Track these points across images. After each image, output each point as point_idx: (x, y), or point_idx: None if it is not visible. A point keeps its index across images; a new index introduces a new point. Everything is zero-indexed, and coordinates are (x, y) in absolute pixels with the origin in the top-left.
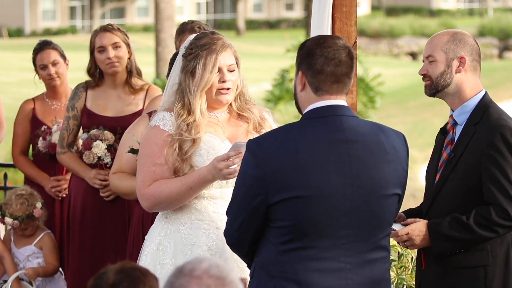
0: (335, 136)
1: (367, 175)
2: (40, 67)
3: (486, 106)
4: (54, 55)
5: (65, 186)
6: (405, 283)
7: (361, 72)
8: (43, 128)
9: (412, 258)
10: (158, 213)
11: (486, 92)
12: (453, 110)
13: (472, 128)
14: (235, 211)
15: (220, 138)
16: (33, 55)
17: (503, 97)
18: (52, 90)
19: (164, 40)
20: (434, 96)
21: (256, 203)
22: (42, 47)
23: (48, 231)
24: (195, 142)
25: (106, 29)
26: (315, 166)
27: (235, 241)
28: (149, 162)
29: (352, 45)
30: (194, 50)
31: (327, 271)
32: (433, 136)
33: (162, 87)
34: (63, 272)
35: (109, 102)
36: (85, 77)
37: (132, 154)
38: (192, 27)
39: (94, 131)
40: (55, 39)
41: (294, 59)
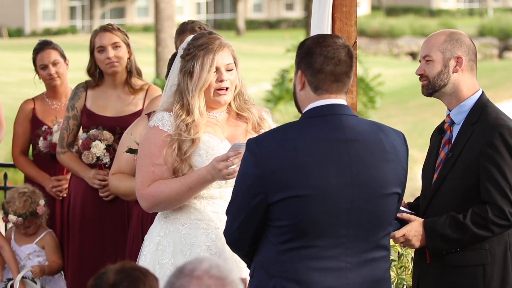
0: (334, 135)
1: (367, 174)
2: (40, 67)
3: (484, 105)
4: (54, 55)
5: (65, 186)
6: (405, 283)
7: (361, 72)
8: (43, 128)
9: (412, 258)
10: (157, 213)
11: (483, 91)
12: (450, 110)
13: (470, 128)
14: (234, 211)
15: (219, 138)
16: (33, 55)
17: (503, 97)
18: (52, 90)
19: (164, 40)
20: (431, 96)
21: (255, 203)
22: (43, 47)
23: (50, 230)
24: (194, 142)
25: (106, 29)
26: (314, 165)
27: (235, 241)
28: (148, 163)
29: (352, 45)
30: (192, 50)
31: (327, 271)
32: None
33: (162, 87)
34: (63, 272)
35: (109, 102)
36: (85, 77)
37: (131, 155)
38: (193, 27)
39: (93, 131)
40: (55, 39)
41: (294, 59)
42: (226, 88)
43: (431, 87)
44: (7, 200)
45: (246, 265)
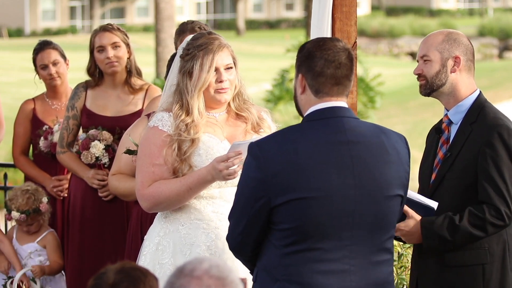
0: (336, 138)
1: (369, 176)
2: (40, 67)
3: (482, 105)
4: (54, 55)
5: (66, 186)
6: (405, 283)
7: (361, 72)
8: (44, 128)
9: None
10: (156, 213)
11: (481, 91)
12: (447, 110)
13: (468, 127)
14: (237, 215)
15: (219, 138)
16: (33, 55)
17: (503, 97)
18: (52, 90)
19: (164, 40)
20: (429, 96)
21: (258, 206)
22: (43, 47)
23: (51, 230)
24: (194, 142)
25: (105, 28)
26: (316, 168)
27: (238, 245)
28: (148, 163)
29: (352, 45)
30: (191, 50)
31: (331, 273)
32: None
33: (162, 87)
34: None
35: (108, 102)
36: (85, 77)
37: (130, 156)
38: (193, 27)
39: (92, 131)
40: (55, 39)
41: (294, 59)
42: (225, 88)
43: (429, 87)
44: (10, 198)
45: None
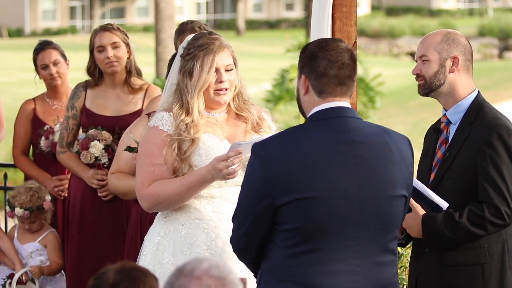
0: (340, 138)
1: (373, 176)
2: (41, 67)
3: (480, 105)
4: (55, 55)
5: (67, 186)
6: (405, 283)
7: (361, 72)
8: (45, 128)
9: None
10: (156, 213)
11: (479, 91)
12: (446, 110)
13: (467, 127)
14: (241, 216)
15: (219, 138)
16: (33, 55)
17: (503, 97)
18: (53, 90)
19: (164, 40)
20: (427, 96)
21: (263, 206)
22: (43, 47)
23: (53, 229)
24: (194, 141)
25: (105, 28)
26: (320, 167)
27: (242, 246)
28: (148, 163)
29: (352, 45)
30: (192, 50)
31: (335, 274)
32: None
33: (162, 87)
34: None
35: (108, 101)
36: (84, 77)
37: (130, 155)
38: (192, 27)
39: (92, 131)
40: (55, 39)
41: (294, 59)
42: (225, 88)
43: (428, 87)
44: (13, 195)
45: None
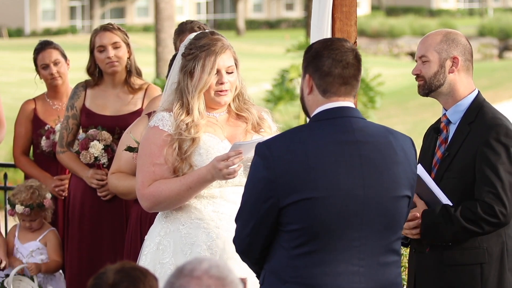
0: (344, 137)
1: (377, 176)
2: (41, 67)
3: (480, 105)
4: (55, 55)
5: (68, 186)
6: (405, 283)
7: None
8: (46, 127)
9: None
10: (156, 213)
11: (479, 91)
12: (446, 109)
13: (467, 127)
14: (245, 217)
15: (219, 137)
16: (34, 55)
17: (503, 97)
18: (53, 90)
19: (164, 40)
20: (427, 96)
21: (267, 207)
22: (44, 46)
23: (53, 228)
24: (194, 141)
25: (106, 28)
26: (325, 167)
27: (246, 247)
28: (148, 162)
29: None
30: (193, 51)
31: (340, 274)
32: None
33: (162, 87)
34: (63, 271)
35: (108, 101)
36: (84, 77)
37: (130, 154)
38: (192, 27)
39: (92, 131)
40: (55, 39)
41: (294, 59)
42: (225, 90)
43: (427, 87)
44: (14, 193)
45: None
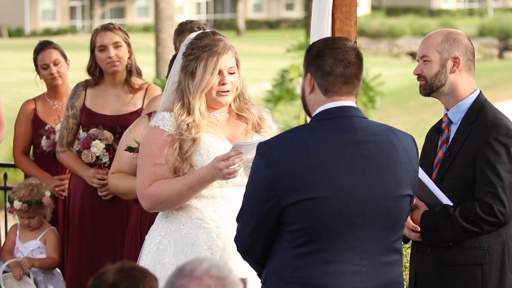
0: (346, 137)
1: (379, 176)
2: (41, 67)
3: (481, 105)
4: (55, 55)
5: (68, 185)
6: (405, 283)
7: None
8: (46, 127)
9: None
10: (156, 212)
11: (481, 91)
12: (447, 109)
13: (468, 127)
14: (247, 216)
15: (220, 137)
16: (34, 55)
17: (503, 97)
18: (53, 90)
19: (164, 40)
20: (429, 96)
21: (268, 206)
22: (44, 46)
23: (53, 227)
24: (195, 141)
25: (107, 28)
26: (327, 167)
27: (247, 247)
28: (149, 162)
29: None
30: (195, 51)
31: (342, 274)
32: None
33: (162, 87)
34: (62, 270)
35: (108, 100)
36: (84, 76)
37: (130, 154)
38: (192, 27)
39: (93, 130)
40: (55, 39)
41: (294, 59)
42: (227, 90)
43: (429, 87)
44: (14, 190)
45: (247, 265)
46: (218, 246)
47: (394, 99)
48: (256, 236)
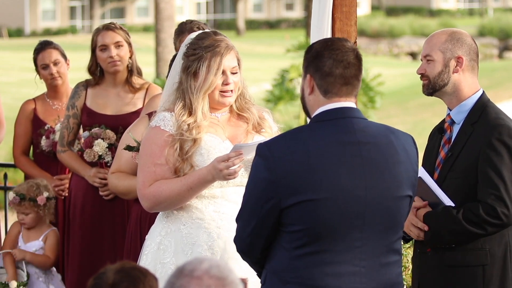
0: (346, 138)
1: (379, 177)
2: (41, 67)
3: (484, 105)
4: (55, 55)
5: (68, 185)
6: (405, 283)
7: None
8: (46, 127)
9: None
10: (156, 212)
11: (484, 91)
12: (450, 109)
13: (470, 127)
14: (246, 217)
15: (221, 138)
16: (34, 55)
17: (503, 97)
18: (53, 90)
19: (164, 40)
20: (432, 95)
21: (268, 207)
22: (44, 46)
23: (54, 228)
24: (196, 142)
25: (108, 27)
26: (327, 168)
27: (247, 247)
28: (149, 162)
29: None
30: (198, 51)
31: (341, 275)
32: None
33: (162, 87)
34: (63, 270)
35: (108, 100)
36: (85, 76)
37: (130, 154)
38: (191, 27)
39: (96, 130)
40: (55, 39)
41: (294, 59)
42: (230, 90)
43: (432, 87)
44: (18, 185)
45: (248, 265)
46: (218, 246)
47: (394, 99)
48: (256, 237)
